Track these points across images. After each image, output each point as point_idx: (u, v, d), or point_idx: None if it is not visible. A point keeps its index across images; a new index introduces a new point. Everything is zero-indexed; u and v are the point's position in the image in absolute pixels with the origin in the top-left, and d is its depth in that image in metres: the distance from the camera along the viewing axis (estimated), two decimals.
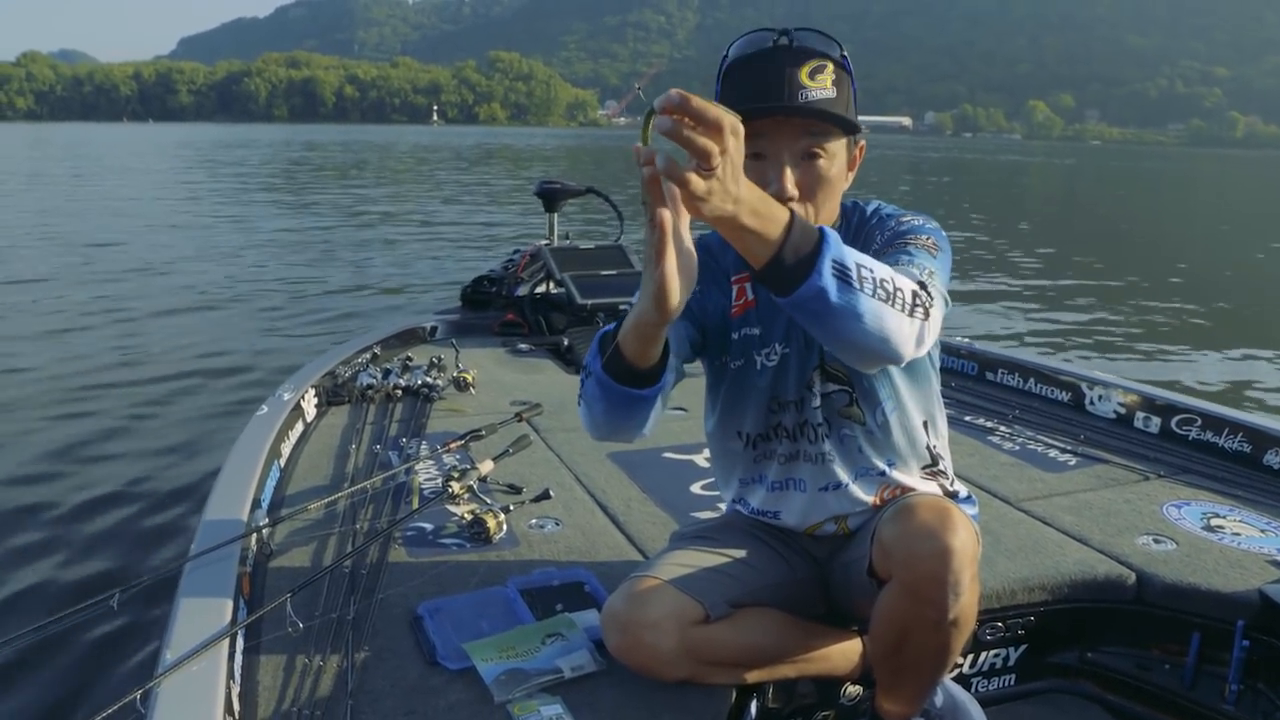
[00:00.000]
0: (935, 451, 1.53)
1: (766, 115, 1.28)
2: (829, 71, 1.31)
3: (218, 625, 1.41)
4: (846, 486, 1.49)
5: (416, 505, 2.05)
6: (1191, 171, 53.47)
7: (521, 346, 3.72)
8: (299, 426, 2.54)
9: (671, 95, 0.88)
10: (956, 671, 1.78)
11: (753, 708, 1.53)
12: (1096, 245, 13.53)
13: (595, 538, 1.96)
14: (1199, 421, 2.59)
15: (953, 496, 1.55)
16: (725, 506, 1.66)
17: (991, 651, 1.80)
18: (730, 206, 0.95)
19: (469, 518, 1.94)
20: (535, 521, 2.03)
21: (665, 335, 1.14)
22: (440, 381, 3.00)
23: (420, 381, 2.96)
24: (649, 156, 0.91)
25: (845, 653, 1.55)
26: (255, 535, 1.78)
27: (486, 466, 2.22)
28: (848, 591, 1.52)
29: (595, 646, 1.50)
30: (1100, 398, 2.87)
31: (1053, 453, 2.54)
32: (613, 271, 3.96)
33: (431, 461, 2.35)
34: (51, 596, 2.66)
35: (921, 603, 1.29)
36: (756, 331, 1.46)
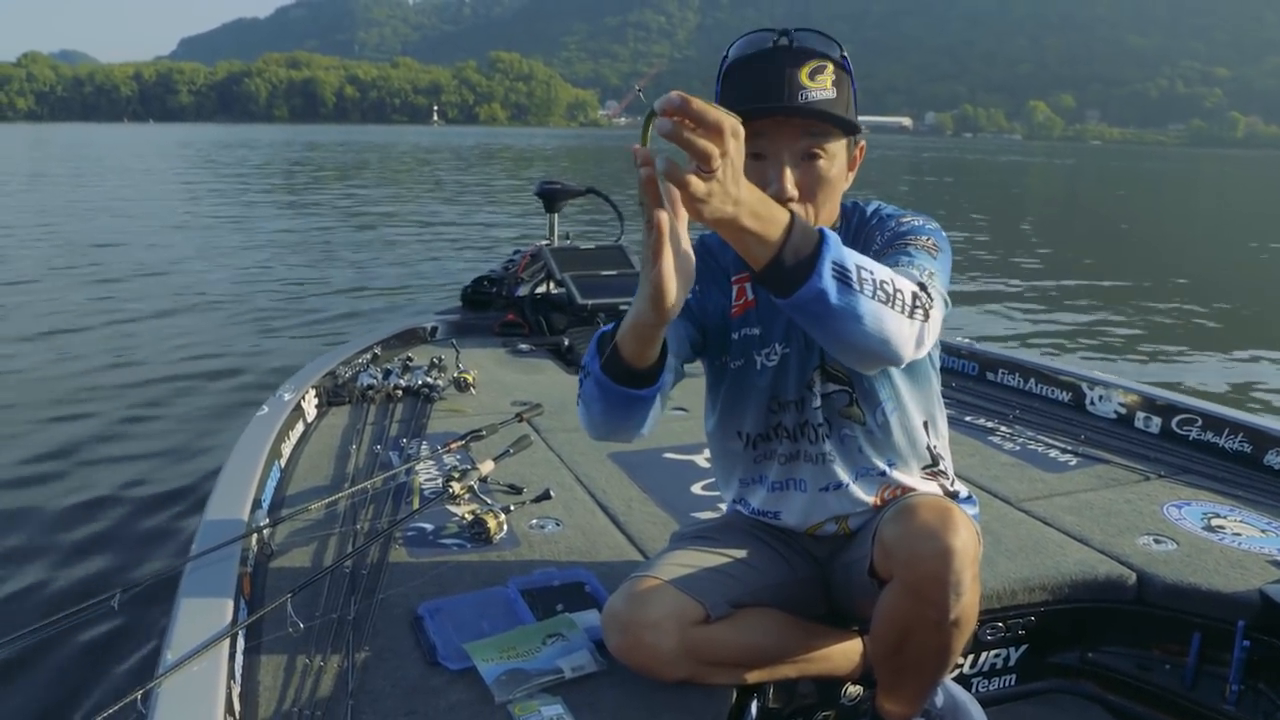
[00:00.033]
0: (936, 452, 1.53)
1: (766, 115, 1.28)
2: (829, 72, 1.32)
3: (218, 625, 1.41)
4: (847, 486, 1.49)
5: (417, 505, 2.05)
6: (1192, 172, 53.45)
7: (522, 347, 3.72)
8: (299, 427, 2.54)
9: (672, 97, 0.88)
10: (957, 672, 1.78)
11: (753, 708, 1.53)
12: (1097, 245, 13.53)
13: (596, 538, 1.97)
14: (1199, 422, 2.59)
15: (953, 497, 1.55)
16: (726, 507, 1.66)
17: (992, 652, 1.80)
18: (730, 208, 0.95)
19: (469, 518, 1.94)
20: (536, 522, 2.03)
21: (663, 336, 1.14)
22: (441, 382, 3.00)
23: (421, 382, 2.96)
24: (647, 158, 0.91)
25: (846, 653, 1.55)
26: (256, 535, 1.78)
27: (487, 467, 2.22)
28: (849, 592, 1.52)
29: (596, 647, 1.50)
30: (1101, 398, 2.87)
31: (1053, 453, 2.54)
32: (613, 272, 3.96)
33: (432, 462, 2.35)
34: (52, 597, 2.66)
35: (923, 603, 1.29)
36: (756, 331, 1.46)
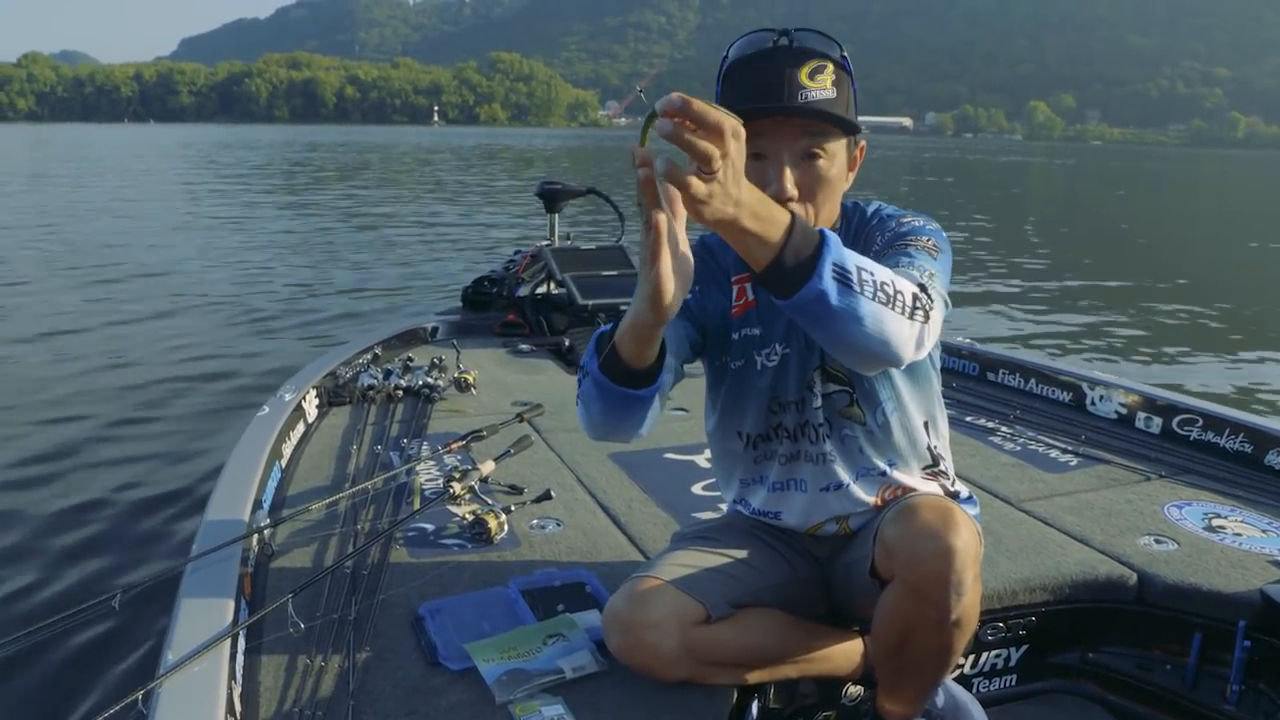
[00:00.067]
0: (936, 452, 1.53)
1: (766, 115, 1.28)
2: (829, 72, 1.32)
3: (219, 626, 1.41)
4: (847, 487, 1.49)
5: (418, 506, 2.05)
6: (1192, 172, 53.42)
7: (522, 347, 3.72)
8: (300, 427, 2.54)
9: (673, 99, 0.87)
10: (958, 672, 1.78)
11: (754, 708, 1.53)
12: (1098, 246, 13.53)
13: (596, 538, 1.97)
14: (1200, 422, 2.59)
15: (954, 497, 1.55)
16: (726, 507, 1.66)
17: (993, 652, 1.80)
18: (731, 209, 0.95)
19: (470, 518, 1.94)
20: (536, 522, 2.03)
21: (661, 336, 1.14)
22: (441, 382, 3.00)
23: (421, 382, 2.96)
24: (645, 158, 0.91)
25: (847, 653, 1.55)
26: (256, 536, 1.78)
27: (488, 467, 2.22)
28: (849, 592, 1.52)
29: (597, 647, 1.50)
30: (1101, 398, 2.87)
31: (1054, 453, 2.54)
32: (614, 272, 3.97)
33: (433, 462, 2.35)
34: (53, 597, 2.66)
35: (924, 603, 1.29)
36: (757, 332, 1.46)
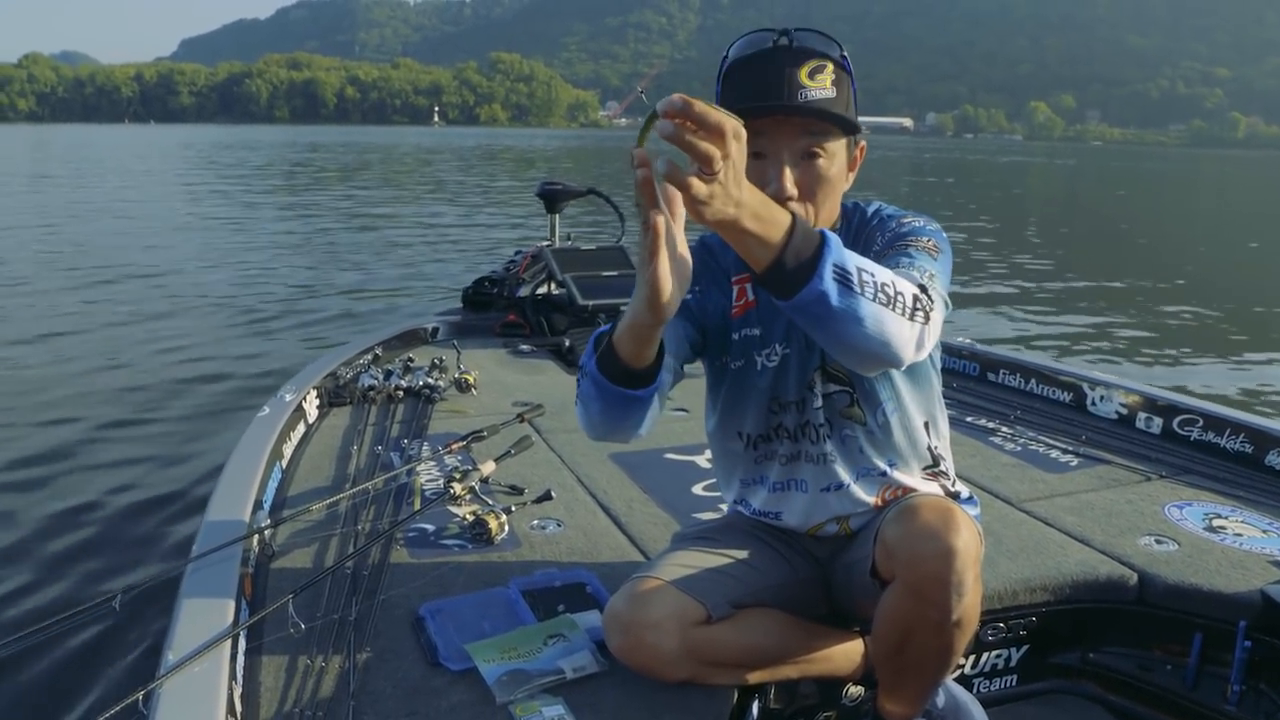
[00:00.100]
0: (936, 452, 1.53)
1: (766, 114, 1.28)
2: (829, 71, 1.32)
3: (220, 626, 1.41)
4: (848, 487, 1.49)
5: (418, 506, 2.05)
6: (1193, 172, 53.40)
7: (523, 347, 3.72)
8: (300, 428, 2.54)
9: (674, 100, 0.88)
10: (958, 672, 1.78)
11: (754, 708, 1.53)
12: (1098, 246, 13.53)
13: (597, 539, 1.97)
14: (1200, 422, 2.58)
15: (954, 497, 1.55)
16: (727, 507, 1.66)
17: (993, 652, 1.80)
18: (732, 210, 0.95)
19: (471, 519, 1.94)
20: (537, 522, 2.03)
21: (660, 336, 1.14)
22: (442, 383, 3.00)
23: (422, 383, 2.96)
24: (643, 159, 0.92)
25: (847, 653, 1.55)
26: (257, 536, 1.78)
27: (488, 467, 2.22)
28: (850, 592, 1.52)
29: (597, 647, 1.50)
30: (1102, 398, 2.87)
31: (1054, 453, 2.54)
32: (614, 272, 3.97)
33: (433, 462, 2.35)
34: (54, 597, 2.66)
35: (925, 603, 1.29)
36: (757, 332, 1.46)
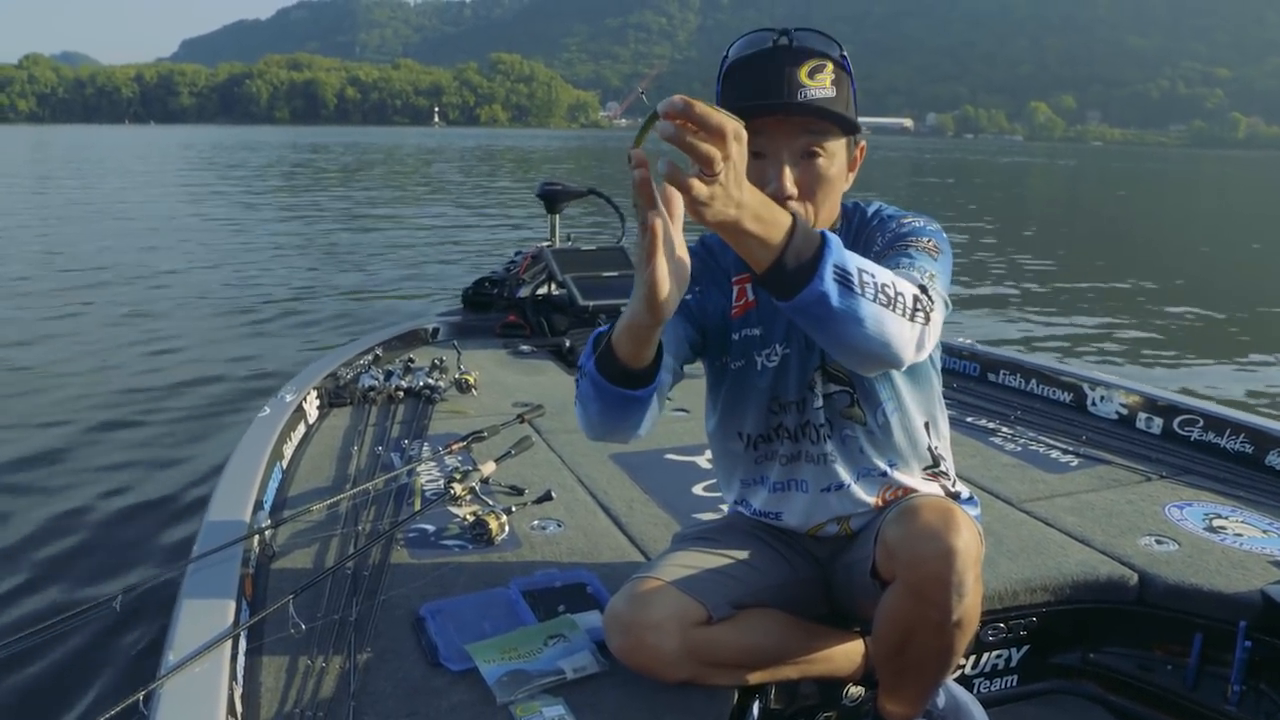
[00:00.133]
0: (937, 452, 1.54)
1: (766, 114, 1.28)
2: (828, 71, 1.32)
3: (220, 627, 1.41)
4: (848, 487, 1.49)
5: (419, 507, 2.05)
6: (1193, 173, 53.38)
7: (523, 348, 3.72)
8: (301, 428, 2.54)
9: (675, 101, 0.88)
10: (959, 673, 1.78)
11: (755, 709, 1.53)
12: (1099, 247, 13.53)
13: (597, 539, 1.97)
14: (1201, 422, 2.58)
15: (954, 497, 1.55)
16: (727, 508, 1.66)
17: (994, 652, 1.80)
18: (733, 211, 0.95)
19: (471, 519, 1.94)
20: (537, 523, 2.03)
21: (658, 336, 1.14)
22: (442, 383, 3.01)
23: (422, 383, 2.97)
24: (641, 160, 0.92)
25: (848, 654, 1.55)
26: (257, 537, 1.78)
27: (489, 468, 2.23)
28: (850, 592, 1.52)
29: (597, 647, 1.50)
30: (1102, 398, 2.87)
31: (1055, 454, 2.54)
32: (614, 273, 3.97)
33: (433, 463, 2.35)
34: (54, 598, 2.66)
35: (925, 604, 1.29)
36: (757, 332, 1.46)
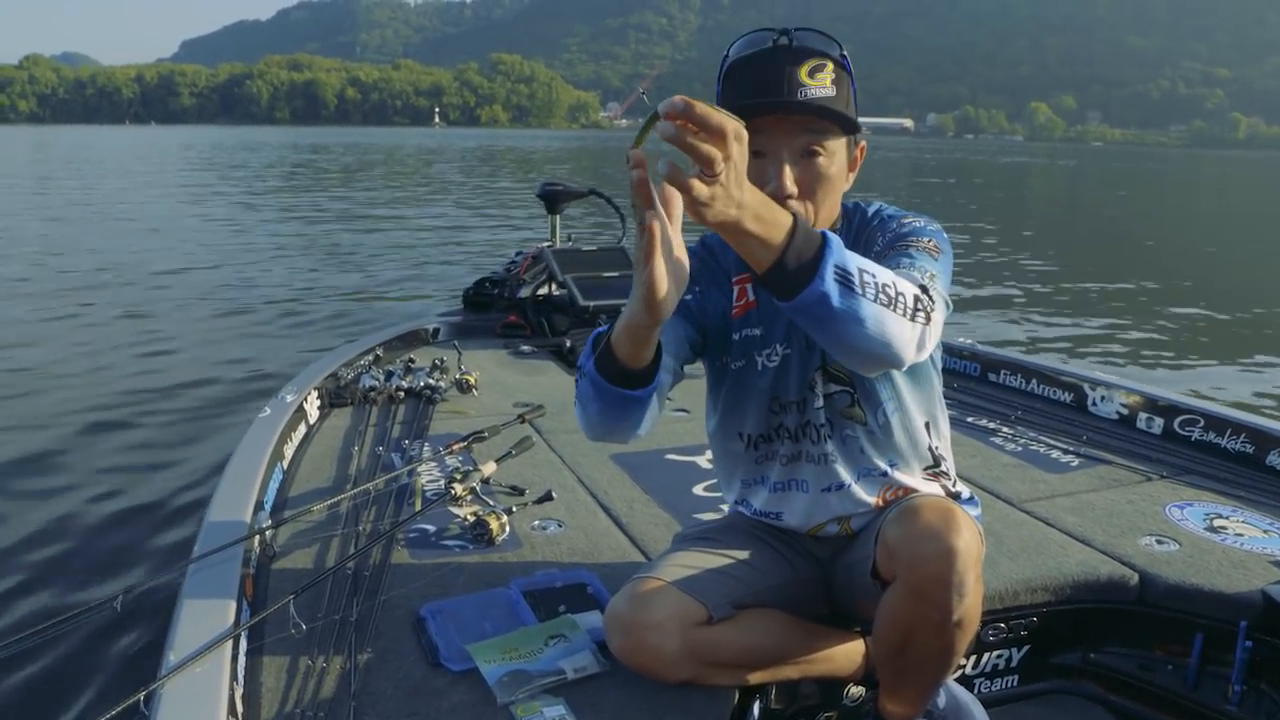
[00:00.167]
0: (937, 452, 1.53)
1: (766, 112, 1.28)
2: (828, 70, 1.32)
3: (221, 627, 1.41)
4: (849, 487, 1.49)
5: (419, 507, 2.05)
6: (1194, 173, 53.35)
7: (524, 348, 3.72)
8: (301, 428, 2.54)
9: (675, 101, 0.88)
10: (959, 672, 1.77)
11: (755, 709, 1.53)
12: (1099, 247, 13.52)
13: (598, 539, 1.97)
14: (1201, 422, 2.58)
15: (955, 497, 1.55)
16: (728, 508, 1.66)
17: (994, 652, 1.80)
18: (734, 211, 0.95)
19: (471, 519, 1.94)
20: (538, 523, 2.03)
21: (657, 336, 1.14)
22: (443, 383, 3.01)
23: (423, 383, 2.97)
24: (639, 160, 0.92)
25: (848, 654, 1.55)
26: (258, 537, 1.78)
27: (489, 468, 2.23)
28: (851, 592, 1.52)
29: (598, 648, 1.50)
30: (1103, 398, 2.87)
31: (1055, 454, 2.54)
32: (615, 273, 3.97)
33: (434, 463, 2.35)
34: (55, 598, 2.66)
35: (926, 604, 1.29)
36: (758, 332, 1.46)
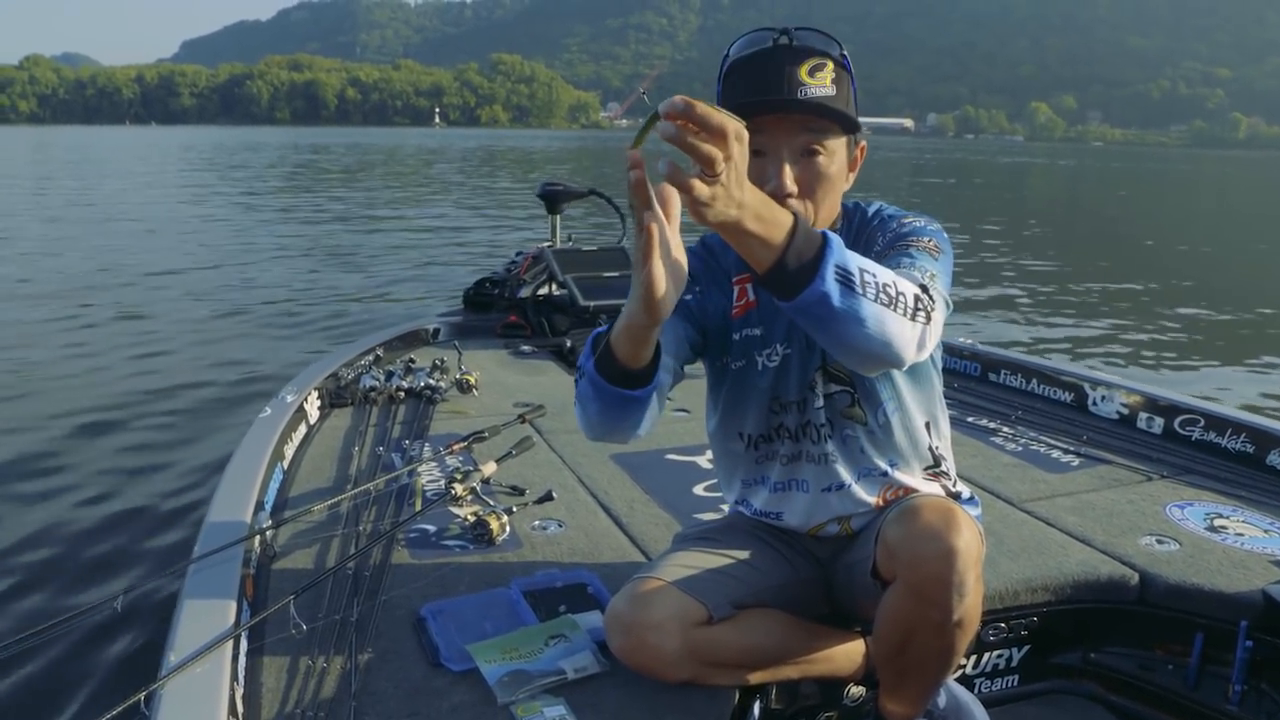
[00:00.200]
0: (938, 452, 1.53)
1: (766, 111, 1.28)
2: (829, 70, 1.32)
3: (221, 627, 1.41)
4: (849, 487, 1.49)
5: (419, 507, 2.05)
6: (1194, 173, 53.33)
7: (524, 348, 3.72)
8: (302, 429, 2.54)
9: (676, 101, 0.88)
10: (960, 672, 1.77)
11: (756, 709, 1.53)
12: (1100, 248, 13.51)
13: (598, 539, 1.97)
14: (1202, 422, 2.58)
15: (955, 497, 1.55)
16: (728, 508, 1.66)
17: (995, 652, 1.80)
18: (734, 212, 0.95)
19: (472, 519, 1.94)
20: (538, 523, 2.03)
21: (656, 336, 1.14)
22: (443, 383, 3.01)
23: (423, 383, 2.97)
24: (637, 160, 0.92)
25: (848, 653, 1.55)
26: (258, 537, 1.79)
27: (489, 468, 2.23)
28: (851, 592, 1.52)
29: (598, 648, 1.51)
30: (1103, 398, 2.87)
31: (1055, 453, 2.54)
32: (615, 273, 3.97)
33: (434, 463, 2.35)
34: (55, 598, 2.66)
35: (926, 604, 1.29)
36: (758, 332, 1.46)
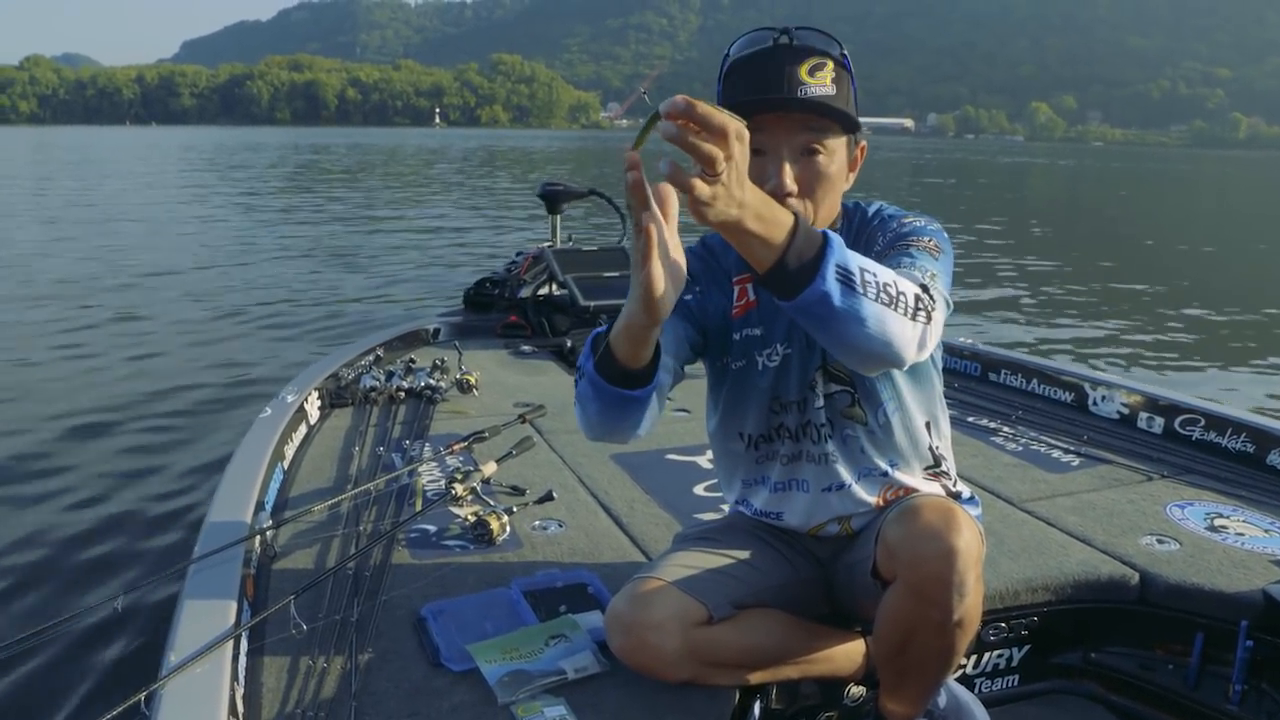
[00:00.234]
0: (938, 452, 1.53)
1: (766, 110, 1.28)
2: (829, 69, 1.32)
3: (221, 627, 1.41)
4: (849, 487, 1.49)
5: (420, 507, 2.05)
6: (1194, 173, 53.32)
7: (524, 348, 3.72)
8: (302, 429, 2.54)
9: (677, 101, 0.88)
10: (960, 672, 1.78)
11: (756, 709, 1.53)
12: (1101, 248, 13.50)
13: (598, 539, 1.97)
14: (1202, 422, 2.58)
15: (955, 497, 1.55)
16: (728, 508, 1.66)
17: (995, 652, 1.80)
18: (735, 211, 0.95)
19: (472, 519, 1.94)
20: (538, 523, 2.03)
21: (656, 337, 1.14)
22: (443, 383, 3.01)
23: (423, 383, 2.97)
24: (635, 161, 0.92)
25: (849, 653, 1.55)
26: (259, 537, 1.79)
27: (490, 468, 2.23)
28: (851, 592, 1.52)
29: (599, 648, 1.51)
30: (1103, 398, 2.87)
31: (1056, 453, 2.54)
32: (615, 273, 3.97)
33: (435, 463, 2.35)
34: (55, 598, 2.66)
35: (926, 603, 1.29)
36: (758, 332, 1.46)
